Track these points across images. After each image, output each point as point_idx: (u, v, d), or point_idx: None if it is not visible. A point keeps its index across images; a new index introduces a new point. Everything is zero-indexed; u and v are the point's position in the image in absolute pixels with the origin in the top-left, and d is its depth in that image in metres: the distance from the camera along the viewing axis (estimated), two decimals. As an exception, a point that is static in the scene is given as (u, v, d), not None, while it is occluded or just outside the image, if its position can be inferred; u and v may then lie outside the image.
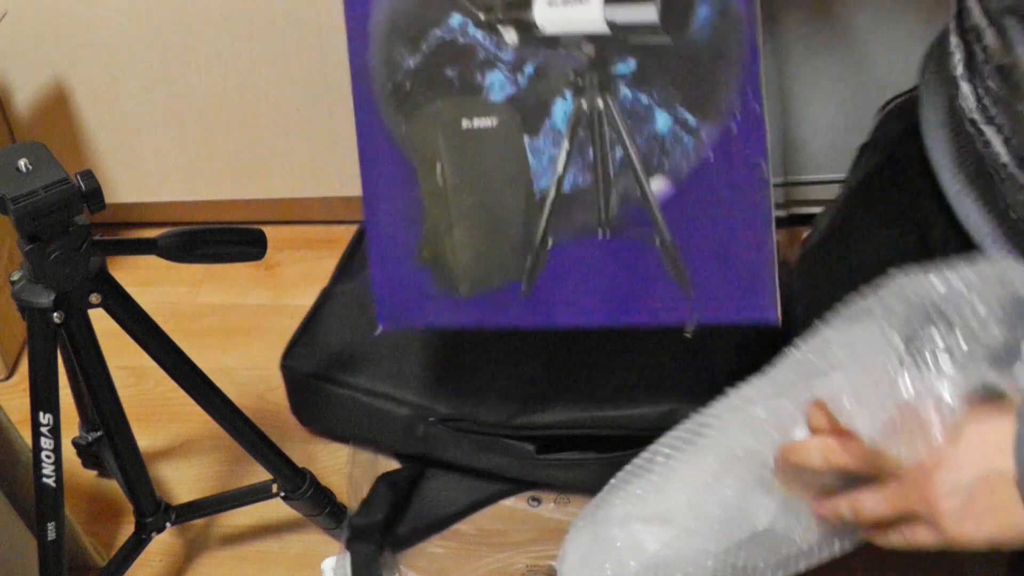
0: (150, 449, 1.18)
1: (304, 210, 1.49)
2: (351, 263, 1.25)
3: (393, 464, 1.12)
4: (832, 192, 1.36)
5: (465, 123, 0.64)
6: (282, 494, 0.99)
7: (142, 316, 0.83)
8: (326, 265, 1.26)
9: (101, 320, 0.81)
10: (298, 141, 1.38)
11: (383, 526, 1.03)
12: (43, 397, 0.79)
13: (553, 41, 0.62)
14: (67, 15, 1.29)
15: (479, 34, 0.64)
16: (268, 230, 0.87)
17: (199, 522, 1.09)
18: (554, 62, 0.62)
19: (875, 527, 0.58)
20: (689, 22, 0.59)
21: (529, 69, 0.63)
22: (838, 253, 0.76)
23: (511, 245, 0.63)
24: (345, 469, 1.12)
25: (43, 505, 0.83)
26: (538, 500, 1.08)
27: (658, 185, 0.60)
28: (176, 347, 0.87)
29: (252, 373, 1.25)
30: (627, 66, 0.60)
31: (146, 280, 1.39)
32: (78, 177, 0.72)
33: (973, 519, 0.52)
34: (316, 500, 1.00)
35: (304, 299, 1.22)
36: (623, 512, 0.71)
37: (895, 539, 0.57)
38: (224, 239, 0.84)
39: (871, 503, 0.57)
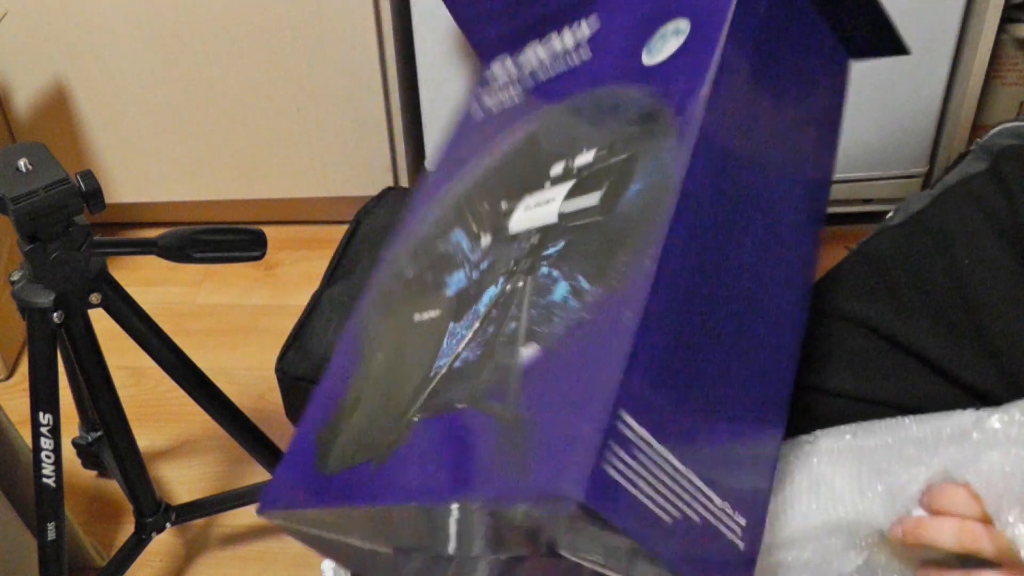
0: (150, 449, 1.18)
1: (304, 210, 1.49)
2: (341, 266, 1.25)
3: (393, 464, 1.12)
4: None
5: (417, 317, 0.65)
6: (282, 494, 0.99)
7: (142, 316, 0.83)
8: (325, 265, 1.26)
9: (101, 320, 0.81)
10: (298, 141, 1.38)
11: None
12: (43, 397, 0.79)
13: (513, 238, 0.63)
14: (67, 15, 1.29)
15: (464, 243, 0.66)
16: (268, 230, 0.87)
17: (199, 522, 1.09)
18: (504, 255, 0.62)
19: None
20: (621, 199, 0.58)
21: (484, 265, 0.63)
22: (929, 226, 0.76)
23: (386, 422, 0.60)
24: (345, 469, 1.12)
25: (43, 505, 0.83)
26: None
27: (529, 352, 0.54)
28: (176, 347, 0.87)
29: (252, 373, 1.25)
30: (556, 247, 0.59)
31: (146, 280, 1.39)
32: (78, 177, 0.72)
33: None
34: (316, 500, 1.00)
35: (304, 299, 1.21)
36: None
37: None
38: (224, 239, 0.84)
39: None
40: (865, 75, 1.23)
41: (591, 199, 0.60)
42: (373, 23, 1.28)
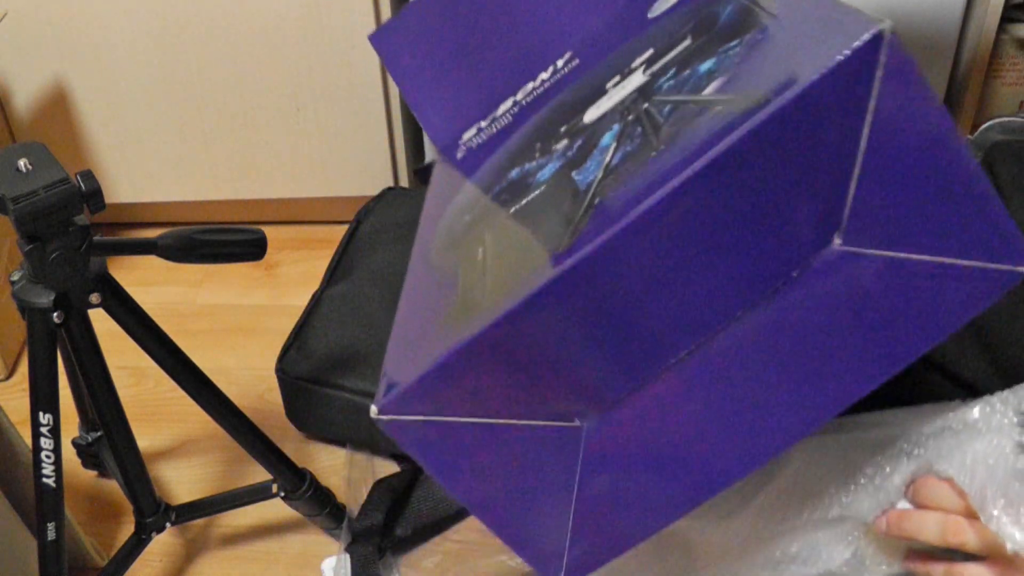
0: (150, 449, 1.18)
1: (304, 210, 1.49)
2: (341, 266, 1.25)
3: (390, 466, 1.12)
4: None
5: (514, 208, 0.57)
6: (282, 494, 0.99)
7: (142, 316, 0.83)
8: (325, 265, 1.26)
9: (101, 320, 0.81)
10: (298, 141, 1.38)
11: (383, 528, 1.03)
12: (43, 397, 0.79)
13: (598, 120, 0.58)
14: (67, 15, 1.29)
15: (535, 159, 0.61)
16: (268, 230, 0.87)
17: (199, 522, 1.09)
18: (600, 124, 0.57)
19: None
20: (712, 30, 0.56)
21: (578, 143, 0.58)
22: None
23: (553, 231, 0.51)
24: (343, 472, 1.12)
25: (43, 505, 0.83)
26: (538, 500, 1.08)
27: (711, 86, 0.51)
28: (176, 347, 0.87)
29: (252, 373, 1.25)
30: (668, 75, 0.55)
31: (146, 280, 1.39)
32: (78, 177, 0.72)
33: None
34: (316, 500, 1.00)
35: (304, 299, 1.22)
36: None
37: None
38: (224, 239, 0.84)
39: None
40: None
41: (677, 49, 0.56)
42: (373, 23, 1.28)
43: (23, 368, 1.30)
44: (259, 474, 0.99)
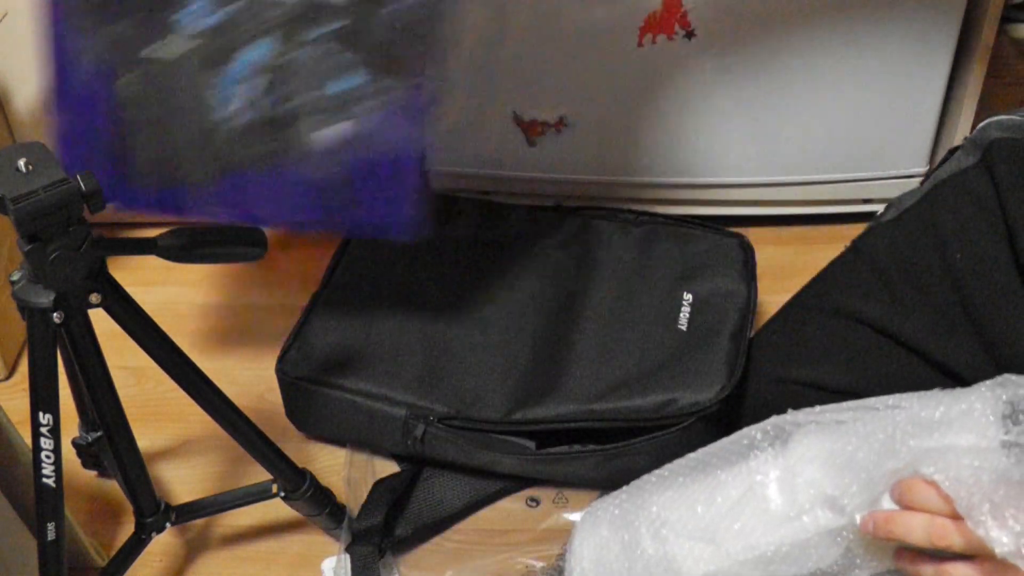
0: (150, 449, 1.18)
1: (304, 210, 1.49)
2: (341, 265, 1.25)
3: (390, 466, 1.12)
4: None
5: (145, 51, 0.72)
6: (282, 494, 0.99)
7: (142, 316, 0.83)
8: (325, 265, 1.26)
9: (101, 320, 0.81)
10: (298, 141, 1.38)
11: (383, 528, 1.03)
12: (43, 397, 0.79)
13: None
14: (67, 15, 1.29)
15: None
16: (268, 230, 0.87)
17: (199, 522, 1.09)
18: (261, 7, 0.70)
19: None
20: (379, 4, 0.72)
21: (233, 8, 0.71)
22: (922, 221, 0.76)
23: (188, 161, 0.75)
24: (343, 472, 1.12)
25: (43, 505, 0.83)
26: (536, 500, 1.08)
27: (337, 130, 0.75)
28: (176, 347, 0.87)
29: (252, 373, 1.25)
30: (331, 25, 0.70)
31: (146, 280, 1.39)
32: (78, 177, 0.72)
33: None
34: (316, 500, 1.00)
35: (304, 299, 1.22)
36: (656, 516, 0.70)
37: None
38: (224, 239, 0.84)
39: None
40: (865, 74, 1.24)
41: None
42: (373, 23, 1.28)
43: (23, 368, 1.30)
44: (259, 474, 0.99)
